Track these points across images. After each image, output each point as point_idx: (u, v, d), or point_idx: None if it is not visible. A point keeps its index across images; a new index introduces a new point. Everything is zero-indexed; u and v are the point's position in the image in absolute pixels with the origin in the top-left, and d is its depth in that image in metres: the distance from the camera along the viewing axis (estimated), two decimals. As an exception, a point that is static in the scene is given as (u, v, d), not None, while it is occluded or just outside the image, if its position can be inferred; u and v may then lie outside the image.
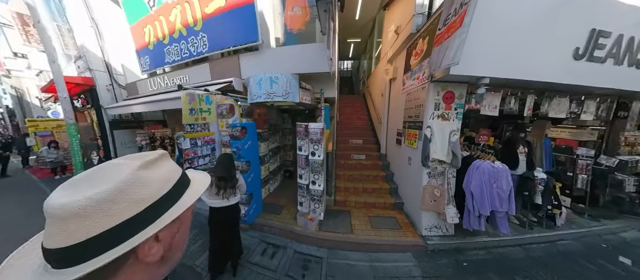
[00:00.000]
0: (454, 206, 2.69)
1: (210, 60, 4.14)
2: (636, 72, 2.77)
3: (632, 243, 3.20)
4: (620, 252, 2.87)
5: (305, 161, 3.35)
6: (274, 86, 2.87)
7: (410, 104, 3.15)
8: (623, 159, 3.77)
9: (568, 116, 3.21)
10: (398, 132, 3.77)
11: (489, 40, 2.20)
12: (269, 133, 4.22)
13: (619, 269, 2.55)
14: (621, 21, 2.50)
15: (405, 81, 3.33)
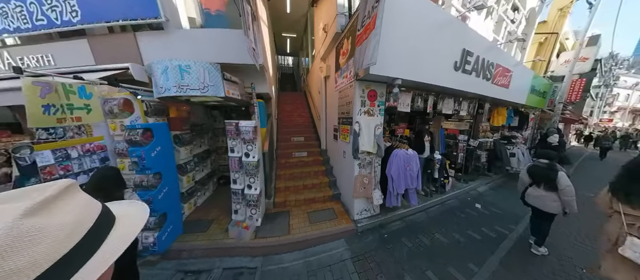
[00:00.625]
0: (379, 190, 3.09)
1: (90, 35, 3.00)
2: (486, 83, 3.97)
3: (483, 193, 4.84)
4: (476, 200, 4.28)
5: (239, 163, 3.00)
6: (186, 77, 2.35)
7: (342, 101, 3.32)
8: (481, 141, 5.43)
9: (453, 112, 4.27)
10: (334, 128, 3.95)
11: (399, 47, 2.53)
12: (192, 135, 3.53)
13: (474, 212, 3.82)
14: (479, 46, 3.47)
15: (336, 79, 3.47)
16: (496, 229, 3.24)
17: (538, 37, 8.11)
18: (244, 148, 3.00)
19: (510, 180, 5.86)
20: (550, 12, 8.37)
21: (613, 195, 1.59)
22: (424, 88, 3.43)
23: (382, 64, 2.36)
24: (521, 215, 3.61)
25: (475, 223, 3.42)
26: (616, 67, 24.90)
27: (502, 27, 5.37)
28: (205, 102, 3.79)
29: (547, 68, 8.59)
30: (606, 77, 22.19)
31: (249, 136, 2.90)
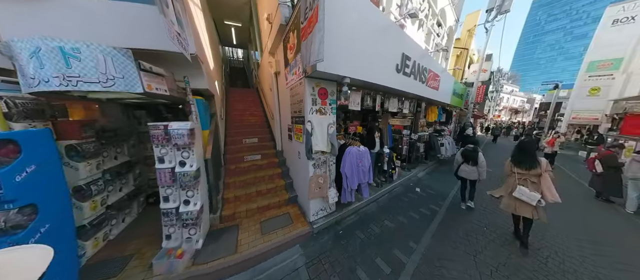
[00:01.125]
0: (334, 188, 3.10)
1: None
2: (422, 85, 4.56)
3: (421, 178, 5.65)
4: (416, 185, 4.96)
5: (171, 176, 2.45)
6: (76, 65, 1.74)
7: (294, 99, 3.17)
8: (420, 134, 6.30)
9: (398, 110, 4.76)
10: (288, 127, 3.77)
11: (347, 47, 2.57)
12: (99, 144, 2.68)
13: (415, 195, 4.39)
14: (415, 52, 3.92)
15: (287, 76, 3.30)
16: (430, 207, 3.83)
17: (456, 51, 10.04)
18: (177, 156, 2.48)
19: (441, 166, 7.10)
20: (462, 32, 10.49)
21: (511, 162, 2.65)
22: (372, 88, 3.65)
23: (331, 62, 2.33)
24: (447, 193, 4.57)
25: (416, 205, 3.92)
26: (501, 78, 33.65)
27: (430, 38, 6.36)
28: (120, 100, 2.98)
29: (463, 76, 10.75)
30: (496, 85, 29.76)
31: (183, 141, 2.41)
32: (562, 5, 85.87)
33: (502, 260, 2.50)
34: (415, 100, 5.40)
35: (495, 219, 3.42)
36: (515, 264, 2.44)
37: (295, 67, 2.78)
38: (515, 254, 2.61)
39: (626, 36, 10.96)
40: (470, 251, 2.63)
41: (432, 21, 5.70)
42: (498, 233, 3.05)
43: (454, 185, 4.84)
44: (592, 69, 12.38)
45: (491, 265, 2.39)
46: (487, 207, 3.83)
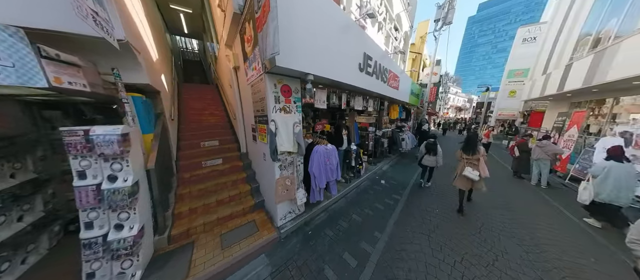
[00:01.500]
0: (303, 188, 3.01)
1: None
2: (384, 85, 4.82)
3: (386, 171, 6.01)
4: (381, 178, 5.26)
5: (96, 195, 1.97)
6: None
7: (256, 96, 2.95)
8: (384, 131, 6.72)
9: (363, 108, 4.94)
10: (252, 127, 3.51)
11: (310, 44, 2.49)
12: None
13: (380, 187, 4.64)
14: (376, 52, 4.11)
15: (247, 71, 3.05)
16: (393, 197, 4.14)
17: (411, 55, 11.09)
18: (104, 169, 2.01)
19: (403, 158, 7.74)
20: (415, 38, 11.63)
21: (461, 150, 3.46)
22: (337, 86, 3.67)
23: (292, 58, 2.22)
24: (408, 182, 5.07)
25: (381, 196, 4.16)
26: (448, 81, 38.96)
27: (389, 41, 6.84)
28: (18, 97, 2.30)
29: (418, 78, 11.96)
30: (444, 87, 34.32)
31: (112, 149, 1.97)
32: (488, 23, 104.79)
33: (449, 235, 2.93)
34: (378, 99, 5.71)
35: (444, 202, 3.96)
36: (458, 236, 2.93)
37: (255, 61, 2.57)
38: (459, 229, 3.08)
39: (531, 52, 13.96)
40: (425, 231, 3.00)
41: (390, 25, 6.15)
42: (446, 215, 3.48)
43: (413, 175, 5.70)
44: (511, 76, 15.53)
45: (441, 242, 2.78)
46: (439, 191, 4.57)
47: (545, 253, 2.63)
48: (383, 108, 6.57)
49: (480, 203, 3.93)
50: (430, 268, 2.31)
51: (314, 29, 2.50)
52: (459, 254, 2.55)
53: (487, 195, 4.15)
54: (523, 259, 2.49)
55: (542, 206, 4.02)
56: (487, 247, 2.69)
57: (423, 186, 4.71)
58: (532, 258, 2.52)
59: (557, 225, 3.30)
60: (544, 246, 2.77)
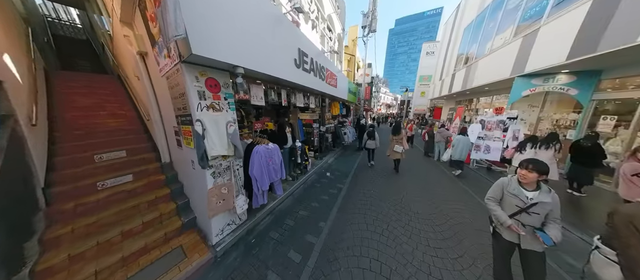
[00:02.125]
0: (244, 194, 2.74)
1: None
2: (322, 82, 5.02)
3: (331, 164, 6.39)
4: (327, 170, 5.55)
5: None
6: None
7: (175, 91, 2.43)
8: (327, 126, 7.08)
9: (305, 105, 4.97)
10: (175, 130, 2.89)
11: (239, 33, 2.24)
12: None
13: (326, 180, 4.89)
14: (311, 50, 4.20)
15: (158, 59, 2.46)
16: (337, 186, 4.46)
17: (346, 56, 12.14)
18: None
19: (346, 150, 8.46)
20: (348, 40, 12.79)
21: (392, 134, 5.30)
22: (275, 82, 3.53)
23: (213, 46, 1.94)
24: (350, 171, 5.64)
25: (327, 188, 4.39)
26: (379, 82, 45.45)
27: (325, 40, 7.21)
28: None
29: (354, 77, 13.26)
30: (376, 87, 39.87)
31: None
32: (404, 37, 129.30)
33: (379, 210, 3.49)
34: (319, 96, 5.92)
35: (381, 175, 4.68)
36: (386, 208, 3.56)
37: (166, 47, 2.09)
38: (387, 203, 3.75)
39: (432, 63, 18.27)
40: (361, 211, 3.42)
41: (323, 25, 6.49)
42: (378, 195, 4.07)
43: (355, 163, 6.61)
44: (421, 80, 19.89)
45: (373, 216, 3.29)
46: (377, 167, 6.12)
47: (436, 198, 3.73)
48: (325, 105, 6.89)
49: (403, 176, 5.36)
50: (364, 241, 2.64)
51: (240, 18, 2.27)
52: (386, 222, 3.10)
53: (407, 170, 5.81)
54: (426, 213, 3.40)
55: (438, 173, 5.69)
56: (404, 211, 3.45)
57: (370, 165, 6.22)
58: (431, 208, 3.62)
59: (445, 181, 4.92)
60: (434, 191, 4.37)
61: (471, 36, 9.95)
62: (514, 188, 1.52)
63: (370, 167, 6.11)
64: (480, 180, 5.33)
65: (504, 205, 1.60)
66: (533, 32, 5.45)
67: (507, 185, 1.57)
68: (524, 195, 1.48)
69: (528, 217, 1.46)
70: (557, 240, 1.36)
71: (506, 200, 1.57)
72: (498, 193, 1.62)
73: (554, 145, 4.26)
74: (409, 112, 23.49)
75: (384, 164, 6.28)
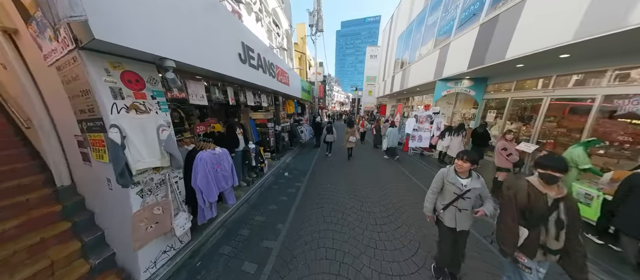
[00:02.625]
0: (186, 211, 2.34)
1: None
2: (273, 80, 4.80)
3: (289, 163, 6.32)
4: (285, 170, 5.46)
5: None
6: None
7: (73, 88, 1.82)
8: (283, 125, 6.89)
9: (256, 104, 4.65)
10: (78, 140, 2.17)
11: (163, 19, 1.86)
12: None
13: (284, 180, 4.79)
14: (257, 44, 3.89)
15: (39, 42, 1.77)
16: (296, 185, 4.42)
17: (297, 54, 12.10)
18: None
19: (303, 148, 8.51)
20: (297, 38, 12.76)
21: (346, 127, 6.81)
22: (219, 78, 3.15)
23: (128, 32, 1.55)
24: (308, 168, 5.67)
25: (285, 188, 4.29)
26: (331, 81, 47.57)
27: (272, 36, 6.93)
28: None
29: (307, 75, 13.38)
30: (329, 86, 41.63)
31: None
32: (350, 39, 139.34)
33: (335, 201, 3.69)
34: (272, 94, 5.68)
35: (331, 180, 4.82)
36: (341, 199, 3.80)
37: (51, 26, 1.52)
38: (342, 194, 3.98)
39: (376, 65, 20.44)
40: (319, 206, 3.52)
41: (268, 19, 6.23)
42: (334, 188, 4.27)
43: (313, 160, 6.79)
44: (368, 80, 21.95)
45: (330, 208, 3.44)
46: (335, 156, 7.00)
47: (382, 182, 4.54)
48: (278, 103, 6.68)
49: (356, 166, 5.98)
50: (322, 233, 2.74)
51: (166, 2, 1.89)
52: (341, 211, 3.30)
53: (360, 161, 6.55)
54: (375, 196, 3.89)
55: (384, 162, 6.56)
56: (357, 199, 3.77)
57: (329, 155, 7.12)
58: (378, 191, 4.13)
59: (389, 167, 5.70)
60: (381, 177, 5.08)
61: (404, 44, 11.67)
62: (451, 177, 1.72)
63: (329, 157, 7.01)
64: (416, 163, 6.50)
65: (444, 194, 1.79)
66: (446, 45, 6.83)
67: (446, 175, 1.76)
68: (460, 183, 1.68)
69: (463, 201, 1.69)
70: (490, 213, 1.67)
71: (446, 189, 1.76)
72: (439, 184, 1.80)
73: (462, 133, 5.58)
74: (360, 109, 25.71)
75: (340, 156, 7.07)
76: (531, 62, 4.48)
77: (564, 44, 3.16)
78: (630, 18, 2.45)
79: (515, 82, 5.67)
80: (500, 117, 6.27)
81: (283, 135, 6.91)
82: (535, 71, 4.98)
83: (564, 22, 3.10)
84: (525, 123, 5.46)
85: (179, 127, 3.27)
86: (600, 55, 3.65)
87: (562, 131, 4.61)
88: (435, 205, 1.89)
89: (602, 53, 3.55)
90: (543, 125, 4.90)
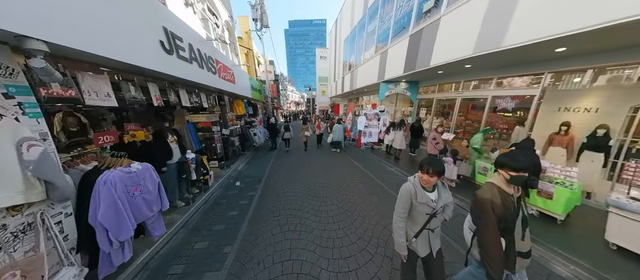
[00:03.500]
0: (75, 263, 1.62)
1: None
2: (214, 77, 4.12)
3: (242, 170, 5.66)
4: (237, 179, 4.86)
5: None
6: None
7: None
8: (232, 129, 6.09)
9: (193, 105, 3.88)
10: None
11: None
12: None
13: (236, 190, 4.22)
14: (188, 33, 3.18)
15: None
16: (249, 195, 3.96)
17: (243, 49, 11.16)
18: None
19: (258, 152, 7.91)
20: (241, 32, 11.73)
21: (302, 125, 8.63)
22: (135, 71, 2.40)
23: None
24: (263, 174, 5.23)
25: (236, 200, 3.77)
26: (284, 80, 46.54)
27: (209, 26, 6.05)
28: None
29: (256, 73, 12.49)
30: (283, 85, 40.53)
31: None
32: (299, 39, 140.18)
33: (293, 205, 3.48)
34: (214, 93, 4.94)
35: (289, 182, 4.60)
36: (299, 203, 3.59)
37: None
38: (300, 196, 3.79)
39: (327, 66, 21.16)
40: (275, 214, 3.23)
41: (202, 5, 5.39)
42: (291, 191, 4.08)
43: (269, 163, 6.31)
44: (320, 81, 22.51)
45: (287, 215, 3.21)
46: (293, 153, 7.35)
47: (338, 179, 4.61)
48: (224, 104, 5.88)
49: (313, 165, 6.02)
50: (278, 245, 2.49)
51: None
52: (299, 217, 3.11)
53: (317, 160, 6.58)
54: (332, 194, 3.91)
55: (339, 158, 6.88)
56: (316, 199, 3.70)
57: (287, 150, 7.84)
58: (335, 188, 4.20)
59: (345, 164, 6.06)
60: (338, 174, 5.21)
61: (350, 48, 12.50)
62: (421, 196, 1.37)
63: (288, 151, 7.84)
64: (367, 157, 7.09)
65: (414, 215, 1.42)
66: (385, 51, 7.65)
67: (414, 195, 1.38)
68: (430, 200, 1.37)
69: (435, 219, 1.41)
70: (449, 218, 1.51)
71: (417, 209, 1.39)
72: (407, 205, 1.40)
73: (403, 128, 6.41)
74: (315, 108, 26.15)
75: (298, 154, 7.34)
76: (447, 70, 5.56)
77: (466, 57, 4.07)
78: (504, 41, 3.30)
79: (438, 85, 6.97)
80: (429, 113, 7.56)
81: (232, 140, 6.13)
82: (450, 77, 6.27)
83: (467, 40, 3.97)
84: (446, 118, 6.80)
85: (79, 138, 2.26)
86: (489, 67, 4.95)
87: (469, 123, 6.11)
88: None
89: (490, 66, 4.81)
90: (457, 119, 6.29)
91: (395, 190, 4.08)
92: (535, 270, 2.06)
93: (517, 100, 4.68)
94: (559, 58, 3.67)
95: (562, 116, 3.82)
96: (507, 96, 4.82)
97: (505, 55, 3.72)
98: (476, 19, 3.69)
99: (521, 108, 4.64)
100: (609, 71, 3.41)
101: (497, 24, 3.37)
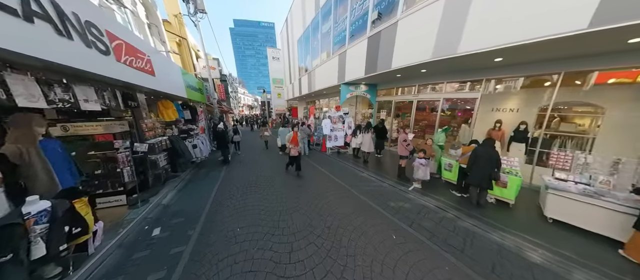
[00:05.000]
0: None
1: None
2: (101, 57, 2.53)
3: (169, 204, 3.83)
4: (156, 224, 3.16)
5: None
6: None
7: None
8: (152, 142, 4.17)
9: (65, 103, 2.21)
10: None
11: None
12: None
13: (149, 248, 2.61)
14: None
15: None
16: (172, 253, 2.49)
17: (172, 37, 8.88)
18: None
19: (200, 170, 6.02)
20: (169, 16, 9.38)
21: (261, 127, 10.08)
22: None
23: None
24: (203, 208, 3.63)
25: (142, 272, 2.20)
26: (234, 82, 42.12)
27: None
28: None
29: (194, 68, 10.19)
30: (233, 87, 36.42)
31: None
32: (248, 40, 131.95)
33: (249, 268, 2.26)
34: (111, 89, 3.21)
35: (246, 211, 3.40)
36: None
37: None
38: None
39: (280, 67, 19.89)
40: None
41: None
42: (246, 233, 2.91)
43: (214, 187, 4.64)
44: (274, 83, 20.98)
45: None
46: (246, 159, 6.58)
47: (306, 190, 4.07)
48: (135, 104, 4.04)
49: (278, 179, 5.06)
50: None
51: None
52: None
53: (281, 172, 5.55)
54: (305, 221, 3.00)
55: (304, 166, 5.84)
56: (285, 241, 2.62)
57: (238, 154, 7.67)
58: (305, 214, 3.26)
59: (312, 172, 5.33)
60: (307, 185, 4.69)
61: (304, 49, 11.88)
62: None
63: (239, 155, 7.50)
64: (333, 161, 6.63)
65: None
66: (343, 53, 7.31)
67: None
68: None
69: None
70: None
71: None
72: None
73: (370, 130, 6.12)
74: (271, 112, 24.20)
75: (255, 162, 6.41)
76: (405, 73, 5.66)
77: (425, 61, 4.25)
78: (458, 48, 3.54)
79: (395, 88, 7.10)
80: (389, 115, 7.63)
81: (154, 159, 4.26)
82: (408, 80, 6.46)
83: (423, 45, 4.15)
84: (402, 119, 7.00)
85: None
86: (441, 72, 5.30)
87: (426, 123, 6.53)
88: None
89: (443, 70, 5.11)
90: (413, 119, 6.64)
91: (378, 203, 3.65)
92: None
93: (462, 103, 5.41)
94: (497, 67, 4.30)
95: (495, 115, 4.69)
96: (457, 99, 5.50)
97: (456, 62, 4.16)
98: (433, 23, 3.88)
99: (465, 109, 5.37)
100: (522, 79, 4.27)
101: (451, 35, 3.61)
